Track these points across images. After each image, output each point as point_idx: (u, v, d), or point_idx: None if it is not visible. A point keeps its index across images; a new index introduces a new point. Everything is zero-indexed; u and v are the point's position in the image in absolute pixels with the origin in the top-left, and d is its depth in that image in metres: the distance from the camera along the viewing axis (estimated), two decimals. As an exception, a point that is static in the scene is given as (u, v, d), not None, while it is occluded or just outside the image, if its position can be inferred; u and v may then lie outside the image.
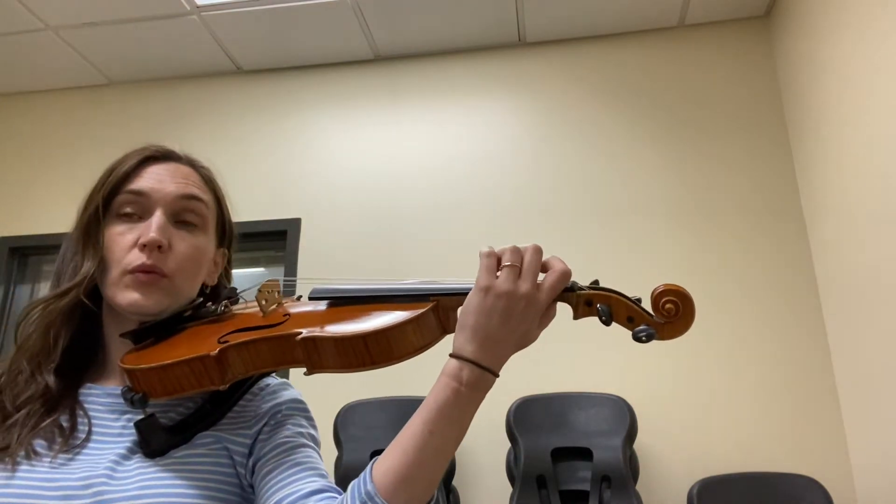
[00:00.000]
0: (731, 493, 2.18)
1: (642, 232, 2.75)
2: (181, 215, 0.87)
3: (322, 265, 2.88)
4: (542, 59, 3.11)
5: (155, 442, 0.77)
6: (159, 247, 0.82)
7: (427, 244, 2.88)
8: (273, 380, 0.91)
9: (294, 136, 3.18)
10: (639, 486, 2.24)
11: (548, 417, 2.35)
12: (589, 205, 2.83)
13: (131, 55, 3.22)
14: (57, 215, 3.21)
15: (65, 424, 0.78)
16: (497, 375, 0.71)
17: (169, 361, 0.76)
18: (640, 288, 0.76)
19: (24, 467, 0.74)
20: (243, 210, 1.05)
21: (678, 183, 2.80)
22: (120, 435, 0.79)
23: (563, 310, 0.75)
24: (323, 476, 0.78)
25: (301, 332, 0.73)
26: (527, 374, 2.29)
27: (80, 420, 0.80)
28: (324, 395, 1.85)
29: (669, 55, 3.00)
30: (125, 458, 0.77)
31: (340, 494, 0.73)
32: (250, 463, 0.81)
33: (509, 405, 2.39)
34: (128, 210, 0.85)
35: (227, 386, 0.77)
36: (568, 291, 0.73)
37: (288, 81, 3.29)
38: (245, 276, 2.97)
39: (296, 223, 3.01)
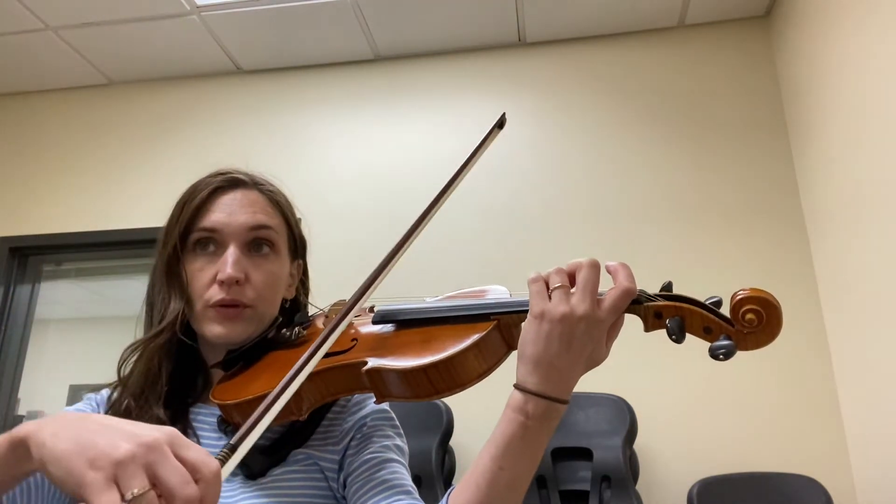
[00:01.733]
0: (731, 493, 2.18)
1: (641, 231, 2.75)
2: (254, 243, 0.91)
3: (322, 266, 2.87)
4: (542, 59, 3.11)
5: (254, 465, 0.81)
6: (237, 281, 0.87)
7: (427, 244, 2.88)
8: None
9: (294, 136, 3.18)
10: (639, 486, 2.24)
11: (548, 417, 2.35)
12: (589, 204, 2.83)
13: (131, 55, 3.21)
14: (57, 215, 3.21)
15: None
16: (566, 402, 0.68)
17: (251, 397, 0.78)
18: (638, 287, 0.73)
19: None
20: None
21: (678, 182, 2.80)
22: None
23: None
24: (409, 493, 0.80)
25: (367, 363, 0.74)
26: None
27: (191, 440, 0.83)
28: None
29: (669, 55, 3.00)
30: (228, 480, 0.81)
31: None
32: (341, 478, 0.84)
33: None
34: (203, 244, 0.90)
35: (307, 416, 0.79)
36: (634, 303, 0.68)
37: (288, 81, 3.28)
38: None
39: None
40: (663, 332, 0.68)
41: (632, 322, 0.72)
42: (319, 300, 1.04)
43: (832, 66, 2.39)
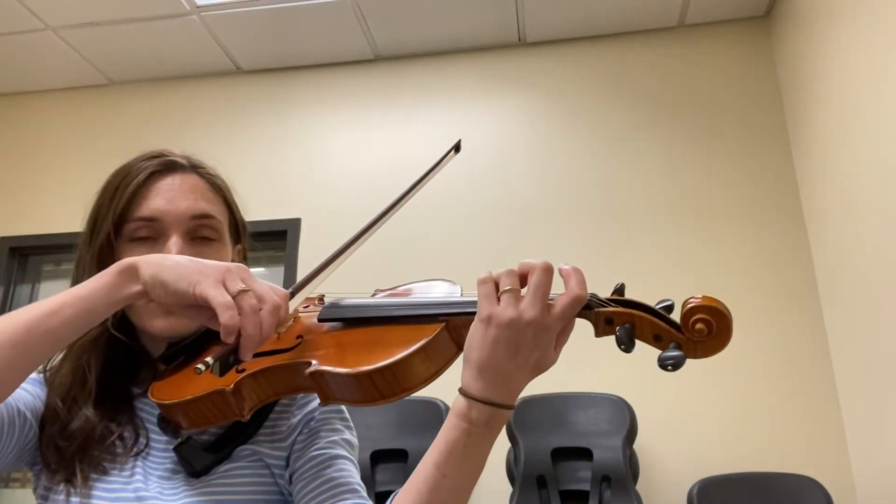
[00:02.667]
0: (731, 493, 2.18)
1: (640, 231, 2.75)
2: (196, 232, 0.85)
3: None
4: (542, 59, 3.11)
5: (197, 463, 0.78)
6: None
7: (427, 244, 2.88)
8: None
9: (294, 136, 3.18)
10: (639, 486, 2.23)
11: (548, 417, 2.35)
12: (588, 204, 2.83)
13: (131, 55, 3.21)
14: (57, 215, 3.21)
15: (126, 436, 0.80)
16: (512, 408, 0.66)
17: (190, 397, 0.75)
18: (639, 288, 0.73)
19: (99, 485, 0.77)
20: (243, 210, 1.06)
21: (678, 182, 2.80)
22: (166, 450, 0.81)
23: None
24: (355, 491, 0.78)
25: (311, 364, 0.71)
26: (527, 374, 2.29)
27: (140, 433, 0.81)
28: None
29: (669, 55, 3.00)
30: (170, 477, 0.79)
31: None
32: (287, 474, 0.82)
33: (509, 405, 2.39)
34: (141, 234, 0.83)
35: (249, 417, 0.76)
36: (585, 309, 0.66)
37: (288, 81, 3.28)
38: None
39: (296, 223, 3.01)
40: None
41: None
42: (317, 299, 1.04)
43: (832, 66, 2.39)
